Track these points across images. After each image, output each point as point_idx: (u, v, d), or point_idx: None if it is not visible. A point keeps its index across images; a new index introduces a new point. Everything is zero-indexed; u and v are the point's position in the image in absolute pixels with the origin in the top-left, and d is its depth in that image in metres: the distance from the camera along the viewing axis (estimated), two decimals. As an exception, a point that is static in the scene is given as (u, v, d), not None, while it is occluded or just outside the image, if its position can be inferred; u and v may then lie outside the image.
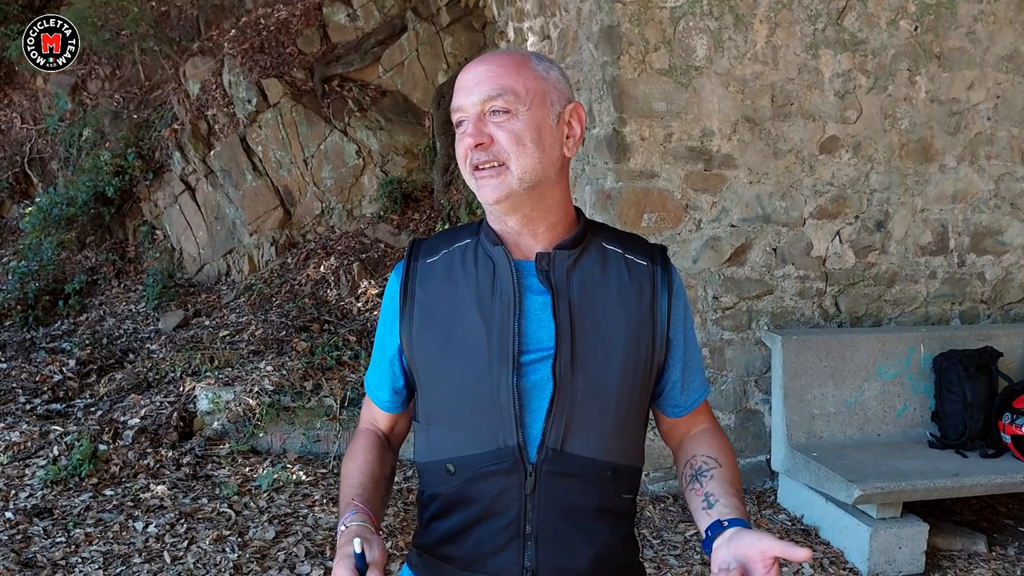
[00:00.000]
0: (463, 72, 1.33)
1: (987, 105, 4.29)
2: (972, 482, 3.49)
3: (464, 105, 1.30)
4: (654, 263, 1.40)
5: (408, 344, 1.37)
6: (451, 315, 1.33)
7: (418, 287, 1.37)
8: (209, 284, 7.14)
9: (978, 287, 4.45)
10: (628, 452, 1.38)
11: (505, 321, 1.30)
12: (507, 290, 1.31)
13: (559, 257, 1.34)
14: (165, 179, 7.37)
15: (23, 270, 6.92)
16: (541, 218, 1.34)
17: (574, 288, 1.33)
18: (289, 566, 3.43)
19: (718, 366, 4.20)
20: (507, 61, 1.32)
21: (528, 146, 1.28)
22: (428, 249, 1.41)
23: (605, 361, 1.32)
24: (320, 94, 7.02)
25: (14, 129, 8.27)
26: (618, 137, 3.94)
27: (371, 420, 1.52)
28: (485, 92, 1.28)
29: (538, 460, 1.29)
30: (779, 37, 4.03)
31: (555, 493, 1.30)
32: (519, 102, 1.29)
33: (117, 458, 4.35)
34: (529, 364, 1.30)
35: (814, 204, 4.19)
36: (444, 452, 1.34)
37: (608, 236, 1.42)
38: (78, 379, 5.48)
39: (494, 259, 1.34)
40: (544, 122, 1.31)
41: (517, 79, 1.30)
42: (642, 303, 1.36)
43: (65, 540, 3.63)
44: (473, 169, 1.30)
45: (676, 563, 3.53)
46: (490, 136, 1.28)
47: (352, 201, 7.01)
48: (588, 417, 1.30)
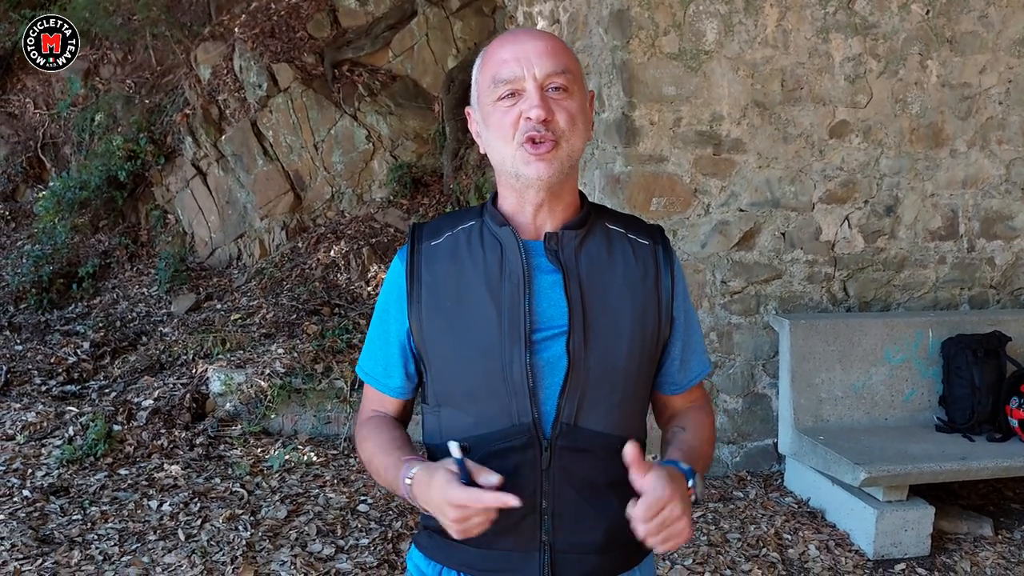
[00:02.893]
0: (508, 44, 1.30)
1: (999, 90, 4.28)
2: (979, 466, 3.51)
3: (521, 76, 1.26)
4: (655, 243, 1.43)
5: (418, 326, 1.36)
6: (460, 296, 1.33)
7: (424, 269, 1.36)
8: (220, 268, 7.19)
9: (988, 272, 4.45)
10: (635, 426, 1.40)
11: (516, 300, 1.30)
12: (516, 270, 1.32)
13: (567, 237, 1.35)
14: (177, 163, 7.42)
15: (37, 253, 6.98)
16: (562, 198, 1.35)
17: (582, 267, 1.34)
18: (301, 544, 3.48)
19: (726, 350, 4.22)
20: (556, 39, 1.31)
21: (579, 127, 1.30)
22: (431, 232, 1.41)
23: (615, 338, 1.33)
24: (330, 79, 7.04)
25: (27, 114, 8.33)
26: (627, 121, 3.95)
27: (374, 412, 1.49)
28: (549, 67, 1.27)
29: (553, 435, 1.30)
30: (790, 21, 4.02)
31: (570, 468, 1.31)
32: (575, 82, 1.29)
33: (131, 438, 4.41)
34: (541, 342, 1.31)
35: (823, 189, 4.19)
36: (457, 433, 1.33)
37: (611, 217, 1.44)
38: (92, 361, 5.54)
39: (501, 240, 1.35)
40: (584, 104, 1.33)
41: (571, 58, 1.30)
42: (647, 281, 1.38)
43: (81, 518, 3.69)
44: (527, 141, 1.27)
45: (682, 544, 3.55)
46: (552, 112, 1.27)
47: (362, 186, 7.04)
48: (600, 393, 1.32)
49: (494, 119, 1.30)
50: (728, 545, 3.57)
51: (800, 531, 3.69)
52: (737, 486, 4.16)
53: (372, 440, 1.41)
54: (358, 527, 3.65)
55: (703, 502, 3.85)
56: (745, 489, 4.12)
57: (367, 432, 1.44)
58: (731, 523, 3.76)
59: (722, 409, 4.26)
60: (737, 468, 4.31)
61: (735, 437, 4.29)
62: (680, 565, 3.38)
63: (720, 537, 3.63)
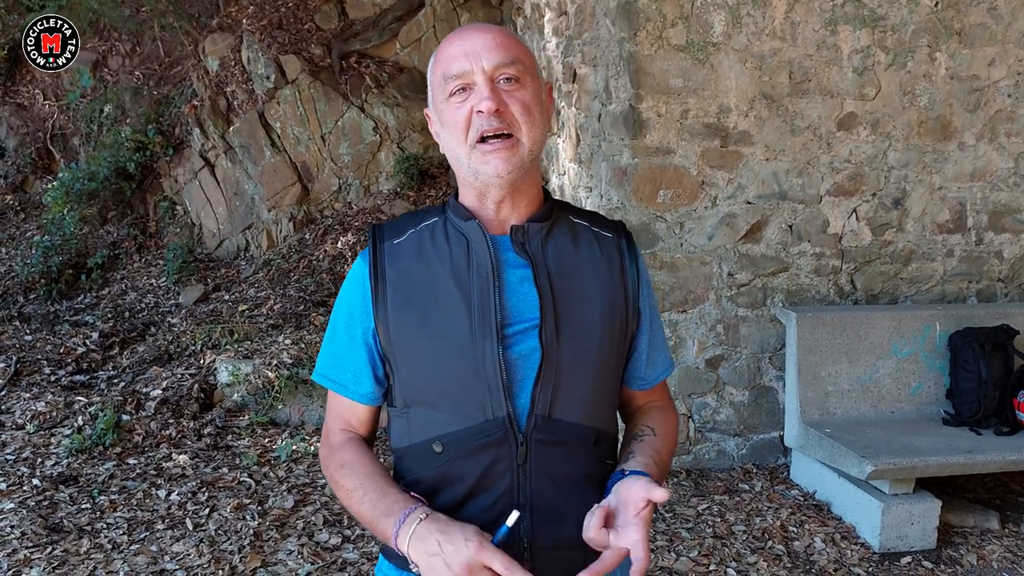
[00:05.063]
0: (456, 41, 1.27)
1: (1008, 82, 4.25)
2: (985, 459, 3.50)
3: (470, 70, 1.24)
4: (619, 236, 1.42)
5: (384, 326, 1.31)
6: (427, 293, 1.30)
7: (389, 268, 1.32)
8: (228, 259, 7.22)
9: (995, 265, 4.43)
10: (607, 418, 1.40)
11: (485, 294, 1.28)
12: (484, 263, 1.29)
13: (533, 230, 1.34)
14: (185, 155, 7.43)
15: (47, 244, 7.02)
16: (524, 192, 1.34)
17: (550, 259, 1.33)
18: (308, 534, 3.50)
19: (732, 343, 4.22)
20: (504, 31, 1.29)
21: (536, 117, 1.27)
22: (393, 231, 1.37)
23: (585, 329, 1.32)
24: (338, 70, 7.03)
25: (36, 105, 8.35)
26: (635, 113, 3.94)
27: (345, 423, 1.41)
28: (498, 59, 1.24)
29: (528, 429, 1.27)
30: (798, 13, 4.01)
31: (545, 462, 1.29)
32: (527, 72, 1.27)
33: (140, 428, 4.44)
34: (513, 336, 1.28)
35: (831, 181, 4.18)
36: (428, 432, 1.30)
37: (574, 211, 1.43)
38: (101, 351, 5.57)
39: (467, 234, 1.32)
40: (539, 95, 1.30)
41: (522, 49, 1.28)
42: (613, 273, 1.37)
43: (90, 507, 3.72)
44: (479, 140, 1.25)
45: (688, 536, 3.57)
46: (505, 104, 1.24)
47: (369, 177, 7.04)
48: (573, 384, 1.30)
49: (448, 117, 1.28)
50: (734, 537, 3.57)
51: (806, 524, 3.69)
52: (743, 479, 4.16)
53: (355, 469, 1.32)
54: (365, 517, 3.67)
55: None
56: (751, 482, 4.13)
57: (346, 458, 1.35)
58: (737, 515, 3.76)
59: (728, 402, 4.26)
60: (743, 461, 4.31)
61: (741, 430, 4.29)
62: (686, 557, 3.39)
63: (726, 529, 3.64)
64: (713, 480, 4.14)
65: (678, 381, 4.20)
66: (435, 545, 1.13)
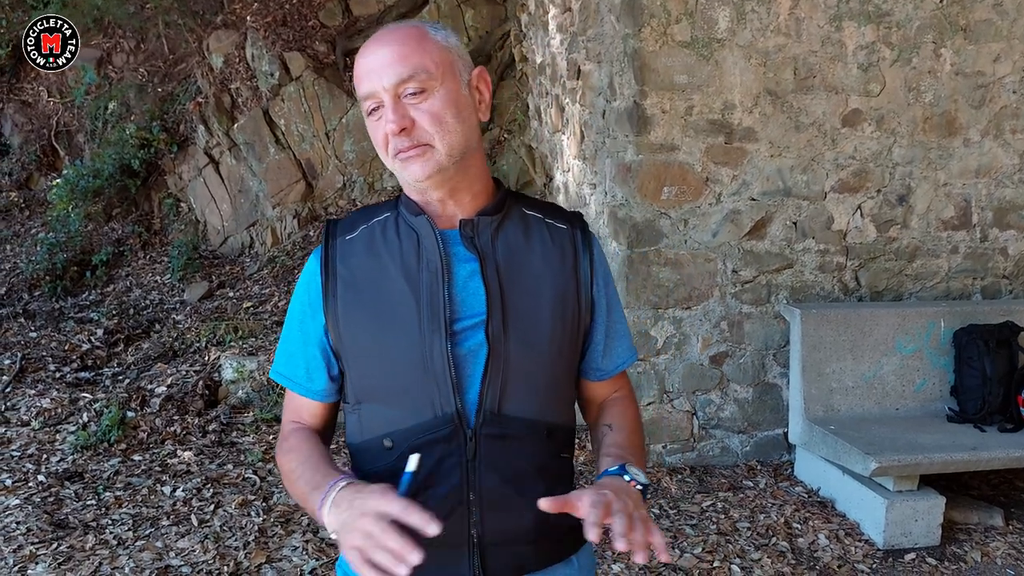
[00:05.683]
0: (363, 56, 1.27)
1: (1013, 78, 4.24)
2: (990, 456, 3.50)
3: (376, 91, 1.24)
4: (573, 228, 1.41)
5: (334, 322, 1.32)
6: (377, 289, 1.31)
7: (340, 264, 1.33)
8: (233, 256, 7.23)
9: (1000, 262, 4.42)
10: (561, 412, 1.39)
11: (434, 289, 1.28)
12: (433, 259, 1.30)
13: (482, 223, 1.33)
14: (189, 152, 7.45)
15: (51, 241, 7.04)
16: (466, 188, 1.33)
17: (499, 253, 1.33)
18: (312, 530, 3.51)
19: (736, 340, 4.22)
20: (408, 37, 1.27)
21: (449, 122, 1.26)
22: (345, 227, 1.38)
23: (535, 322, 1.32)
24: (342, 67, 7.04)
25: (41, 102, 8.37)
26: (639, 110, 3.94)
27: (299, 419, 1.43)
28: (396, 75, 1.23)
29: (477, 424, 1.28)
30: (802, 9, 4.00)
31: (495, 457, 1.29)
32: (432, 79, 1.25)
33: (145, 425, 4.45)
34: (462, 332, 1.29)
35: (836, 178, 4.17)
36: (379, 428, 1.31)
37: (528, 203, 1.42)
38: (106, 348, 5.59)
39: (417, 229, 1.33)
40: (458, 93, 1.28)
41: (424, 55, 1.25)
42: (565, 265, 1.37)
43: (95, 503, 3.73)
44: (395, 155, 1.27)
45: (692, 532, 3.57)
46: (412, 120, 1.24)
47: (373, 175, 7.05)
48: (522, 378, 1.30)
49: (371, 132, 1.30)
50: (738, 534, 3.58)
51: (810, 520, 3.69)
52: (747, 475, 4.16)
53: (298, 452, 1.34)
54: (369, 513, 3.68)
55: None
56: (755, 478, 4.13)
57: (292, 443, 1.37)
58: (741, 512, 3.77)
59: (732, 399, 4.26)
60: (747, 457, 4.31)
61: (745, 427, 4.29)
62: (690, 553, 3.40)
63: (730, 526, 3.64)
64: (717, 477, 4.14)
65: (682, 378, 4.20)
66: (346, 504, 1.13)
